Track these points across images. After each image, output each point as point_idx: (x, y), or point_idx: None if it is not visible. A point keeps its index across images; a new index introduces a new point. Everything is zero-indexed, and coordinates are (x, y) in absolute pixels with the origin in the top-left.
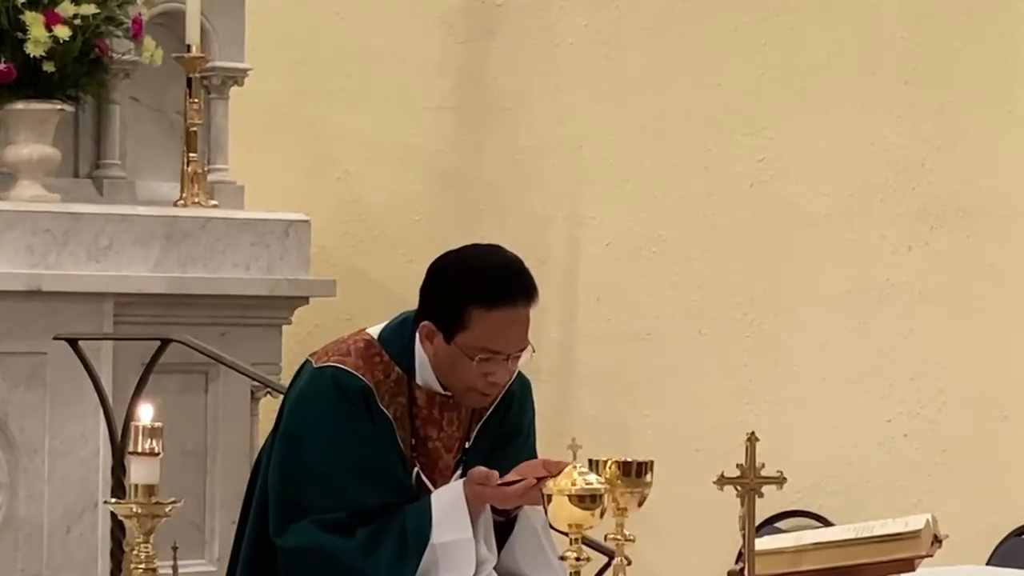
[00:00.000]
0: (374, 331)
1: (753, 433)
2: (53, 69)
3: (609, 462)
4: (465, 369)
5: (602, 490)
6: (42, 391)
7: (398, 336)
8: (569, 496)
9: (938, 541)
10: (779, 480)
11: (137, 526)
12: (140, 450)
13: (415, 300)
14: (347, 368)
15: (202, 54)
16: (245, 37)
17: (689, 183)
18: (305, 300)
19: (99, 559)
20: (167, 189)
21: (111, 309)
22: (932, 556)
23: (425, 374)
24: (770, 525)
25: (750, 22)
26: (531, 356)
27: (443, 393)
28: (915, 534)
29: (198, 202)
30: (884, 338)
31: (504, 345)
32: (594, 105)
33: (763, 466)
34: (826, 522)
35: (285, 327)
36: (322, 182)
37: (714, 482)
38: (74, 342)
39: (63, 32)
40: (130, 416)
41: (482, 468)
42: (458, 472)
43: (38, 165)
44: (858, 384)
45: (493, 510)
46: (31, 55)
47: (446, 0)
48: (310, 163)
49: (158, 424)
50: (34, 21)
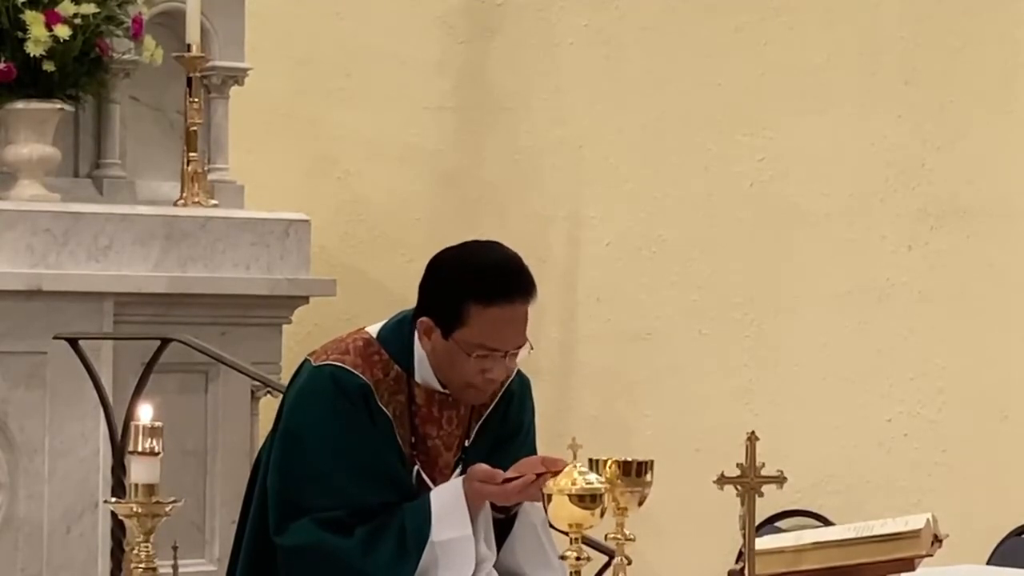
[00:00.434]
0: (373, 330)
1: (753, 433)
2: (53, 68)
3: (609, 462)
4: (463, 365)
5: (602, 490)
6: (42, 391)
7: (397, 334)
8: (569, 496)
9: (938, 541)
10: (779, 480)
11: (137, 526)
12: (140, 450)
13: (415, 300)
14: (346, 367)
15: (202, 54)
16: (245, 37)
17: (689, 183)
18: (305, 300)
19: (99, 559)
20: (167, 189)
21: (111, 309)
22: (932, 556)
23: (424, 372)
24: (770, 525)
25: (750, 22)
26: (529, 353)
27: (442, 391)
28: (915, 534)
29: (198, 202)
30: (884, 338)
31: (502, 342)
32: (594, 105)
33: (763, 466)
34: (826, 522)
35: (285, 327)
36: (322, 182)
37: (714, 482)
38: (74, 342)
39: (63, 31)
40: (130, 416)
41: (485, 466)
42: (458, 470)
43: (38, 165)
44: (858, 384)
45: (493, 507)
46: (31, 54)
47: (446, 0)
48: (310, 163)
49: (158, 424)
50: (34, 20)
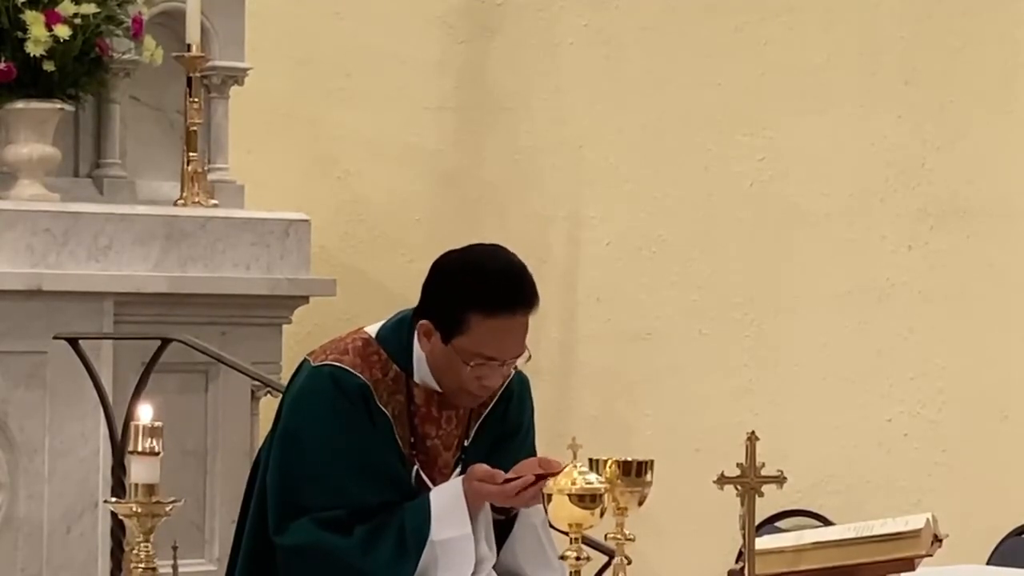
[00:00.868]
0: (372, 329)
1: (753, 433)
2: (53, 68)
3: (609, 462)
4: (459, 371)
5: (602, 490)
6: (42, 391)
7: (396, 334)
8: (569, 495)
9: (938, 541)
10: (779, 480)
11: (137, 526)
12: (140, 450)
13: (415, 300)
14: (345, 367)
15: (202, 54)
16: (245, 37)
17: (689, 183)
18: (305, 300)
19: (99, 559)
20: (167, 189)
21: (111, 309)
22: (932, 556)
23: (423, 372)
24: (770, 525)
25: (750, 22)
26: (527, 360)
27: (441, 391)
28: (915, 534)
29: (198, 202)
30: (884, 338)
31: (501, 352)
32: (594, 105)
33: (763, 466)
34: (826, 522)
35: (285, 327)
36: (322, 182)
37: (714, 482)
38: (74, 342)
39: (63, 31)
40: (130, 416)
41: (485, 466)
42: (457, 470)
43: (38, 164)
44: (858, 384)
45: (493, 509)
46: (31, 54)
47: (446, 0)
48: (310, 163)
49: (158, 424)
50: (34, 20)
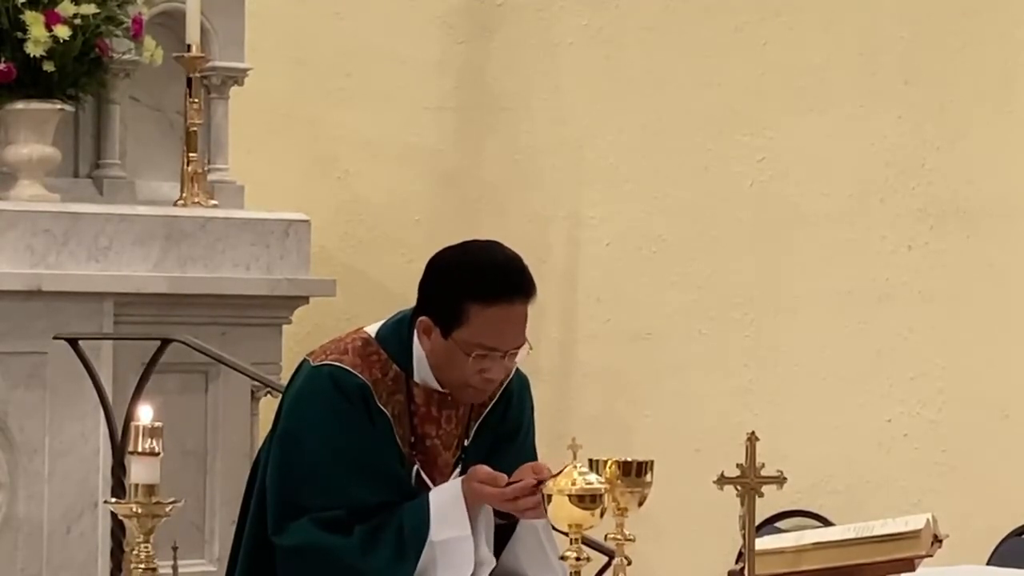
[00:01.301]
0: (371, 329)
1: (753, 433)
2: (53, 69)
3: (609, 462)
4: (461, 365)
5: (602, 490)
6: (42, 391)
7: (396, 334)
8: (569, 496)
9: (938, 541)
10: (779, 480)
11: (137, 526)
12: (140, 450)
13: (415, 299)
14: (345, 366)
15: (202, 54)
16: (245, 37)
17: (689, 183)
18: (305, 300)
19: (99, 559)
20: (167, 189)
21: (111, 309)
22: (932, 556)
23: (423, 372)
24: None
25: (750, 22)
26: (528, 353)
27: (441, 391)
28: (915, 534)
29: (198, 202)
30: (884, 338)
31: (501, 342)
32: (594, 105)
33: (763, 466)
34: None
35: (285, 327)
36: (322, 182)
37: (714, 482)
38: (74, 342)
39: (63, 32)
40: (130, 416)
41: (487, 468)
42: (457, 470)
43: (38, 165)
44: (858, 384)
45: (496, 514)
46: (31, 55)
47: (446, 0)
48: (310, 163)
49: (158, 424)
50: (34, 21)
